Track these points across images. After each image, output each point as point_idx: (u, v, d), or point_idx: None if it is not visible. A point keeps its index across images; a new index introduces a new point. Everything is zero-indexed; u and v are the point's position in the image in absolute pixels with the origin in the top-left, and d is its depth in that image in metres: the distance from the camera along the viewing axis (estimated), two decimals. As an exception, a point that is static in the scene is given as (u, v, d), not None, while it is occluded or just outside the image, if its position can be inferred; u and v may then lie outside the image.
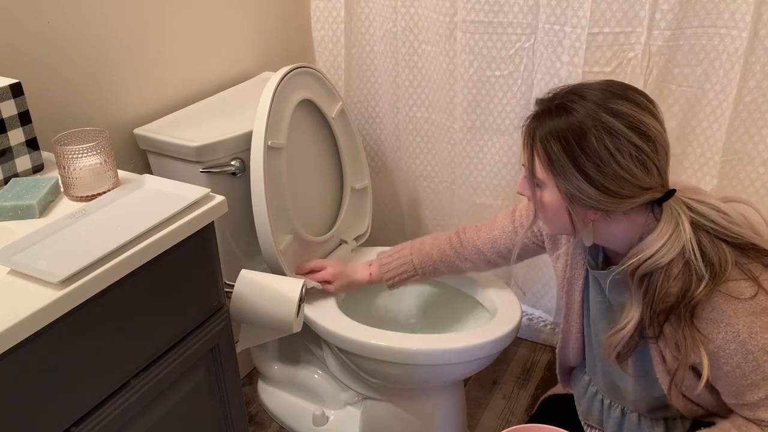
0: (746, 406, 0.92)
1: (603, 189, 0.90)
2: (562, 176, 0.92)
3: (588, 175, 0.90)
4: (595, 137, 0.88)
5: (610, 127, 0.89)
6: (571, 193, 0.92)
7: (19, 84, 0.99)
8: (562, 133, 0.90)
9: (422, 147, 1.85)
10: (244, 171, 1.39)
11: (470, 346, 1.31)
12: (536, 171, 0.96)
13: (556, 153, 0.91)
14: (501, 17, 1.56)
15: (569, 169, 0.91)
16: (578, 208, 0.94)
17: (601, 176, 0.89)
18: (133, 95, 1.39)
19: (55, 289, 0.76)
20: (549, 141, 0.92)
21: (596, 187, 0.90)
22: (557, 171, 0.92)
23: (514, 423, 1.68)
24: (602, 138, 0.88)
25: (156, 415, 0.95)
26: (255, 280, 1.22)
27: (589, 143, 0.89)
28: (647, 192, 0.92)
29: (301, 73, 1.41)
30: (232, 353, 1.08)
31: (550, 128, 0.92)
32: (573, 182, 0.91)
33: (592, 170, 0.89)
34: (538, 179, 0.96)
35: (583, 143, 0.89)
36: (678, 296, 0.90)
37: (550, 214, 0.99)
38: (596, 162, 0.89)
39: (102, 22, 1.29)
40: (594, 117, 0.89)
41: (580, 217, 0.95)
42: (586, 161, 0.89)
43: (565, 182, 0.92)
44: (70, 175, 0.95)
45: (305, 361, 1.65)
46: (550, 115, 0.93)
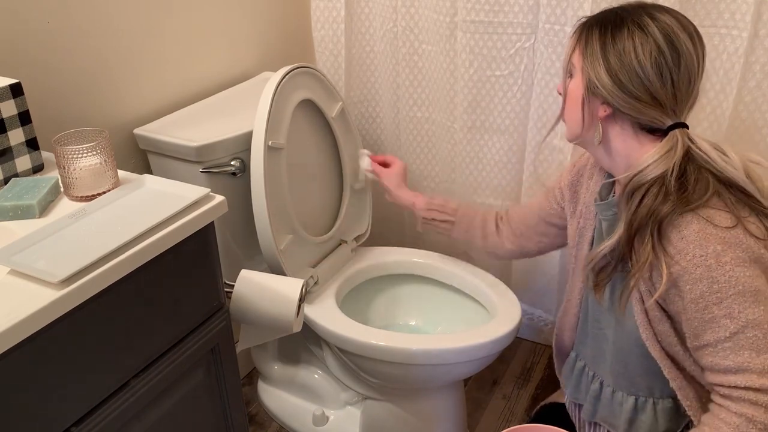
0: (706, 350, 0.92)
1: (616, 79, 0.94)
2: (590, 60, 0.97)
3: (609, 61, 0.95)
4: (628, 29, 0.94)
5: (645, 25, 0.94)
6: (591, 79, 0.97)
7: (19, 84, 0.99)
8: (604, 22, 0.97)
9: (422, 147, 1.85)
10: (244, 171, 1.39)
11: (470, 346, 1.31)
12: (573, 56, 1.01)
13: (593, 37, 0.97)
14: (501, 17, 1.56)
15: (596, 52, 0.96)
16: (592, 98, 0.99)
17: (618, 65, 0.94)
18: (133, 95, 1.39)
19: (55, 289, 0.76)
20: (592, 27, 0.98)
21: (611, 76, 0.94)
22: (587, 53, 0.97)
23: (514, 423, 1.68)
24: (633, 31, 0.94)
25: (156, 415, 0.95)
26: (255, 280, 1.22)
27: (621, 33, 0.94)
28: (657, 107, 0.94)
29: (301, 73, 1.41)
30: (232, 353, 1.08)
31: (598, 20, 0.98)
32: (595, 67, 0.96)
33: (613, 57, 0.94)
34: (572, 65, 1.01)
35: (616, 32, 0.95)
36: (648, 211, 0.93)
37: (570, 104, 1.03)
38: (620, 51, 0.94)
39: (102, 22, 1.29)
40: (636, 14, 0.95)
41: (591, 109, 0.99)
42: (612, 48, 0.94)
43: (589, 66, 0.97)
44: (70, 175, 0.95)
45: (305, 361, 1.65)
46: (604, 13, 1.00)
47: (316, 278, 1.47)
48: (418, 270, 1.60)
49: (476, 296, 1.51)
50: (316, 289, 1.48)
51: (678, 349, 1.00)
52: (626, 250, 0.97)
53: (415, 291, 1.62)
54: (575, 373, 1.23)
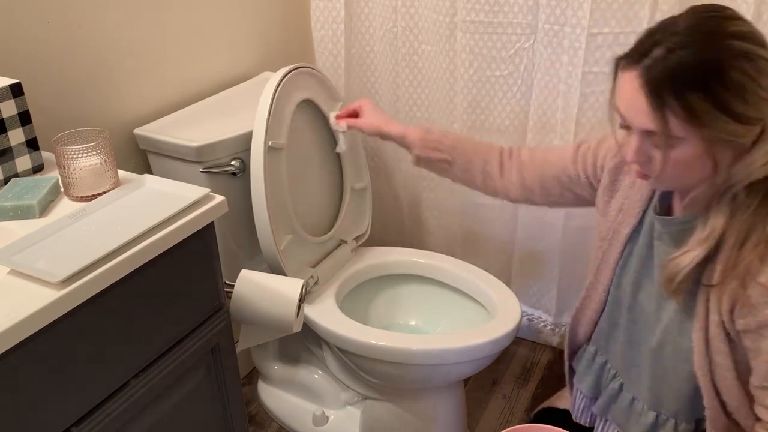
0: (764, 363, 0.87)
1: (749, 119, 0.82)
2: (708, 124, 0.82)
3: (737, 112, 0.82)
4: (736, 69, 0.80)
5: (745, 51, 0.81)
6: (720, 137, 0.83)
7: (19, 84, 0.99)
8: (699, 78, 0.81)
9: (422, 147, 1.85)
10: (244, 171, 1.39)
11: (470, 346, 1.31)
12: (672, 130, 0.84)
13: (698, 102, 0.81)
14: (501, 17, 1.56)
15: (715, 114, 0.81)
16: (720, 151, 0.85)
17: (745, 107, 0.82)
18: (133, 95, 1.39)
19: (55, 289, 0.76)
20: (684, 92, 0.82)
21: (742, 121, 0.82)
22: (702, 121, 0.82)
23: (514, 423, 1.68)
24: (743, 67, 0.81)
25: (156, 415, 0.95)
26: (255, 280, 1.22)
27: (731, 78, 0.81)
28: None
29: (302, 73, 1.41)
30: (232, 353, 1.08)
31: (679, 77, 0.82)
32: (721, 126, 0.82)
33: (738, 104, 0.81)
34: (673, 138, 0.85)
35: (726, 80, 0.81)
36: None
37: (683, 170, 0.88)
38: (740, 94, 0.81)
39: (102, 22, 1.29)
40: (724, 48, 0.81)
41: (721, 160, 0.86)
42: (732, 99, 0.81)
43: (715, 130, 0.83)
44: (70, 175, 0.95)
45: (305, 361, 1.65)
46: (668, 63, 0.82)
47: (316, 278, 1.47)
48: (418, 270, 1.60)
49: (476, 296, 1.51)
50: (316, 289, 1.48)
51: (730, 384, 0.94)
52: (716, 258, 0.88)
53: (415, 291, 1.62)
54: (594, 368, 1.18)
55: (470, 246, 1.88)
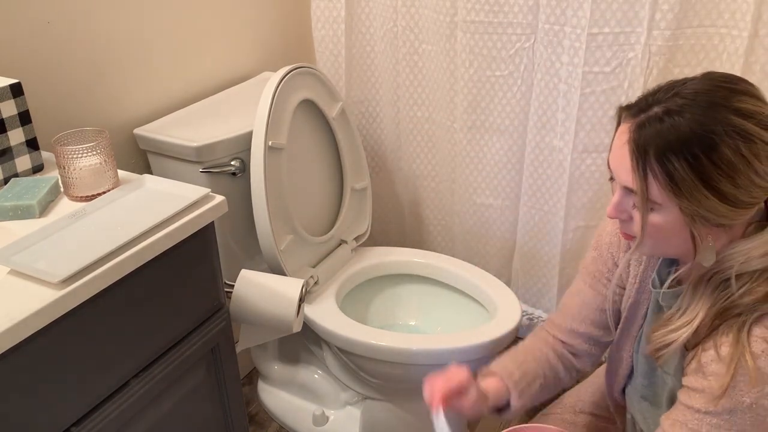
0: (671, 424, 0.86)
1: (737, 203, 0.78)
2: (690, 198, 0.78)
3: (722, 192, 0.77)
4: (729, 146, 0.75)
5: (744, 130, 0.75)
6: (699, 213, 0.79)
7: (19, 84, 0.99)
8: (687, 147, 0.76)
9: (422, 147, 1.85)
10: (244, 171, 1.39)
11: (470, 346, 1.31)
12: (651, 194, 0.80)
13: (681, 171, 0.76)
14: (501, 17, 1.56)
15: (698, 188, 0.77)
16: (702, 228, 0.81)
17: (735, 189, 0.77)
18: (133, 95, 1.39)
19: (55, 289, 0.76)
20: (669, 158, 0.77)
21: (730, 204, 0.77)
22: (682, 192, 0.78)
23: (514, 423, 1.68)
24: (738, 146, 0.75)
25: (156, 415, 0.95)
26: (255, 280, 1.22)
27: (722, 154, 0.75)
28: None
29: (302, 73, 1.41)
30: (232, 353, 1.08)
31: (667, 142, 0.77)
32: (703, 203, 0.77)
33: (725, 185, 0.76)
34: (653, 202, 0.81)
35: (714, 156, 0.75)
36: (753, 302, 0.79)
37: (661, 237, 0.84)
38: (731, 174, 0.76)
39: (102, 22, 1.29)
40: (722, 121, 0.76)
41: (702, 236, 0.82)
42: (719, 176, 0.76)
43: (693, 203, 0.78)
44: (70, 175, 0.95)
45: (305, 361, 1.65)
46: (660, 125, 0.78)
47: (316, 278, 1.47)
48: (418, 270, 1.60)
49: (476, 296, 1.51)
50: (316, 289, 1.48)
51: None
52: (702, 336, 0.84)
53: (415, 291, 1.62)
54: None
55: (470, 246, 1.88)
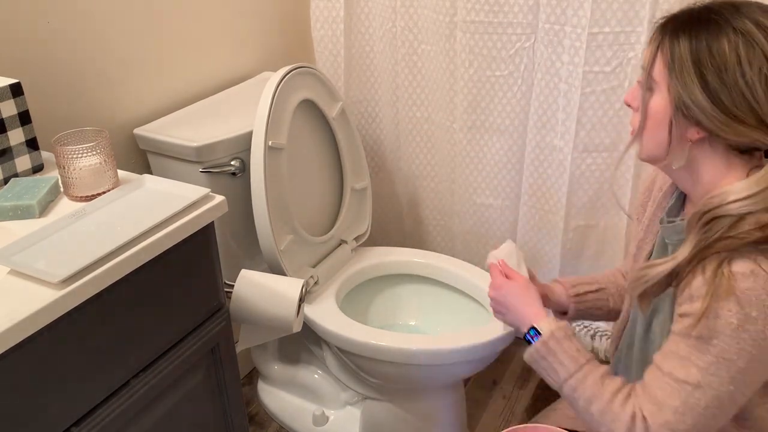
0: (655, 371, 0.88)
1: (716, 101, 0.81)
2: (679, 78, 0.83)
3: (706, 80, 0.81)
4: (729, 39, 0.79)
5: (751, 35, 0.79)
6: (682, 99, 0.83)
7: (19, 84, 0.99)
8: (695, 33, 0.82)
9: (422, 147, 1.85)
10: (244, 171, 1.39)
11: (470, 346, 1.31)
12: (654, 70, 0.86)
13: (682, 52, 0.82)
14: (501, 17, 1.56)
15: (689, 70, 0.82)
16: (683, 120, 0.85)
17: (719, 84, 0.80)
18: (133, 95, 1.39)
19: (55, 289, 0.76)
20: (678, 38, 0.83)
21: (709, 97, 0.81)
22: (676, 71, 0.83)
23: (514, 423, 1.68)
24: (737, 42, 0.79)
25: (156, 415, 0.95)
26: (255, 280, 1.22)
27: (720, 44, 0.80)
28: (761, 129, 0.81)
29: (301, 73, 1.41)
30: (232, 353, 1.08)
31: (684, 27, 0.83)
32: (688, 87, 0.82)
33: (712, 75, 0.80)
34: (652, 79, 0.87)
35: (714, 44, 0.80)
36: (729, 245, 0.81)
37: (652, 124, 0.89)
38: (720, 67, 0.80)
39: (102, 22, 1.29)
40: (736, 21, 0.80)
41: (680, 132, 0.86)
42: (710, 66, 0.80)
43: (679, 84, 0.83)
44: (70, 175, 0.95)
45: (305, 361, 1.65)
46: (690, 15, 0.84)
47: (316, 278, 1.47)
48: (418, 270, 1.60)
49: (476, 296, 1.51)
50: (316, 289, 1.48)
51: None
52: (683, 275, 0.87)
53: (415, 291, 1.62)
54: None
55: (470, 246, 1.88)
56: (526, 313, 1.05)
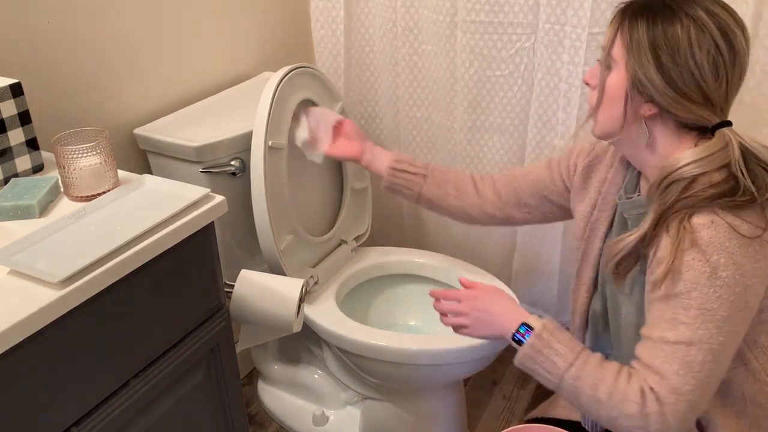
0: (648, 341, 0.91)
1: (668, 79, 0.89)
2: (636, 57, 0.91)
3: (659, 59, 0.89)
4: (682, 24, 0.88)
5: (701, 21, 0.88)
6: (638, 77, 0.91)
7: (19, 84, 0.99)
8: (653, 17, 0.90)
9: (422, 147, 1.85)
10: (244, 171, 1.39)
11: (470, 346, 1.31)
12: (613, 49, 0.94)
13: (640, 33, 0.90)
14: (501, 17, 1.56)
15: (644, 48, 0.90)
16: (637, 97, 0.93)
17: (671, 64, 0.89)
18: (133, 95, 1.39)
19: (55, 289, 0.76)
20: (637, 21, 0.91)
21: (662, 75, 0.89)
22: (633, 50, 0.91)
23: (514, 423, 1.68)
24: (688, 27, 0.88)
25: (156, 415, 0.95)
26: (255, 280, 1.22)
27: (674, 28, 0.88)
28: (708, 107, 0.90)
29: (301, 73, 1.41)
30: (232, 353, 1.08)
31: (644, 10, 0.91)
32: (644, 65, 0.90)
33: (665, 55, 0.89)
34: (611, 58, 0.95)
35: (668, 27, 0.89)
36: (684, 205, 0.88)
37: (608, 100, 0.96)
38: (673, 47, 0.88)
39: (102, 22, 1.29)
40: (689, 9, 0.89)
41: (634, 108, 0.94)
42: (664, 44, 0.89)
43: (636, 62, 0.91)
44: (70, 175, 0.95)
45: (305, 361, 1.65)
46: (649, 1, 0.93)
47: (316, 278, 1.47)
48: (418, 270, 1.60)
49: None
50: (316, 289, 1.48)
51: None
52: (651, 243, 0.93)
53: (415, 291, 1.62)
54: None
55: (470, 246, 1.88)
56: (509, 313, 1.06)
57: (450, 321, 1.14)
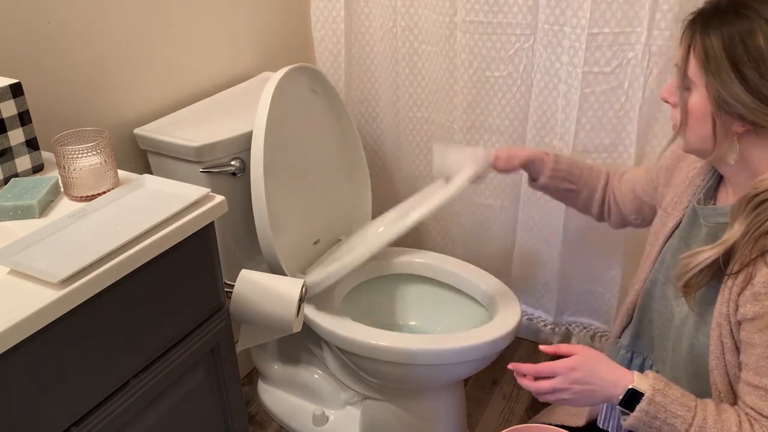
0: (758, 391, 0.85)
1: (758, 95, 0.82)
2: (716, 76, 0.84)
3: (745, 77, 0.81)
4: (763, 32, 0.80)
5: None
6: (722, 97, 0.84)
7: (19, 84, 0.99)
8: (727, 29, 0.82)
9: (422, 147, 1.86)
10: (244, 171, 1.39)
11: (470, 346, 1.31)
12: (689, 69, 0.87)
13: (715, 50, 0.83)
14: (501, 17, 1.56)
15: (726, 68, 0.82)
16: (725, 116, 0.86)
17: (759, 79, 0.81)
18: (133, 95, 1.39)
19: (55, 289, 0.76)
20: (710, 36, 0.84)
21: (751, 93, 0.82)
22: (712, 70, 0.84)
23: (514, 423, 1.68)
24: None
25: (156, 415, 0.95)
26: (255, 280, 1.22)
27: (755, 41, 0.80)
28: None
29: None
30: (232, 353, 1.08)
31: (714, 23, 0.84)
32: (727, 84, 0.83)
33: (751, 72, 0.81)
34: (689, 79, 0.88)
35: (748, 40, 0.81)
36: None
37: (693, 121, 0.90)
38: (758, 61, 0.80)
39: (102, 22, 1.29)
40: (765, 11, 0.81)
41: (724, 127, 0.87)
42: (747, 61, 0.81)
43: (718, 83, 0.84)
44: (70, 175, 0.95)
45: (305, 361, 1.65)
46: (717, 11, 0.85)
47: (316, 278, 1.47)
48: (418, 270, 1.60)
49: (476, 296, 1.51)
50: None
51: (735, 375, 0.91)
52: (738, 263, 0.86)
53: (415, 291, 1.62)
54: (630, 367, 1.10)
55: (470, 246, 1.88)
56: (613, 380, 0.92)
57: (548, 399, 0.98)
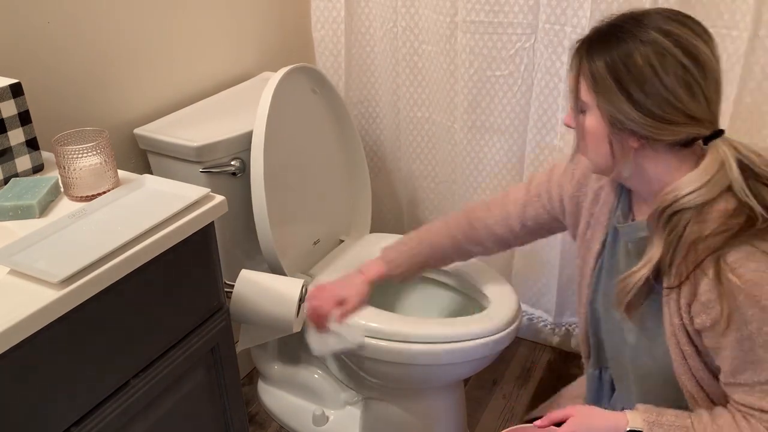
0: (741, 387, 0.88)
1: (646, 111, 0.86)
2: (606, 97, 0.88)
3: (630, 95, 0.86)
4: (641, 54, 0.85)
5: (658, 44, 0.85)
6: (614, 115, 0.88)
7: (19, 84, 0.99)
8: (609, 53, 0.87)
9: (422, 147, 1.86)
10: (244, 171, 1.39)
11: (470, 346, 1.31)
12: (581, 93, 0.92)
13: (600, 72, 0.87)
14: (501, 17, 1.56)
15: (613, 89, 0.87)
16: (619, 133, 0.89)
17: (644, 97, 0.85)
18: (134, 95, 1.39)
19: (55, 289, 0.76)
20: (595, 61, 0.88)
21: (639, 109, 0.86)
22: (601, 91, 0.88)
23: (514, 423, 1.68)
24: (648, 55, 0.85)
25: (156, 415, 0.95)
26: (255, 280, 1.22)
27: (634, 60, 0.85)
28: (693, 124, 0.86)
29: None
30: (232, 353, 1.08)
31: (597, 48, 0.89)
32: (616, 104, 0.87)
33: (635, 90, 0.85)
34: (582, 102, 0.92)
35: (629, 61, 0.85)
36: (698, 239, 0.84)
37: (592, 142, 0.93)
38: (640, 80, 0.85)
39: (102, 22, 1.29)
40: (643, 35, 0.86)
41: (620, 144, 0.90)
42: (630, 80, 0.85)
43: (607, 103, 0.88)
44: (70, 175, 0.95)
45: (305, 361, 1.65)
46: (599, 36, 0.90)
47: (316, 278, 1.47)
48: (418, 270, 1.60)
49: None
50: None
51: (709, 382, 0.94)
52: (664, 272, 0.90)
53: (415, 291, 1.62)
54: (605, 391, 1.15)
55: (470, 246, 1.88)
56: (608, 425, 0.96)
57: None
